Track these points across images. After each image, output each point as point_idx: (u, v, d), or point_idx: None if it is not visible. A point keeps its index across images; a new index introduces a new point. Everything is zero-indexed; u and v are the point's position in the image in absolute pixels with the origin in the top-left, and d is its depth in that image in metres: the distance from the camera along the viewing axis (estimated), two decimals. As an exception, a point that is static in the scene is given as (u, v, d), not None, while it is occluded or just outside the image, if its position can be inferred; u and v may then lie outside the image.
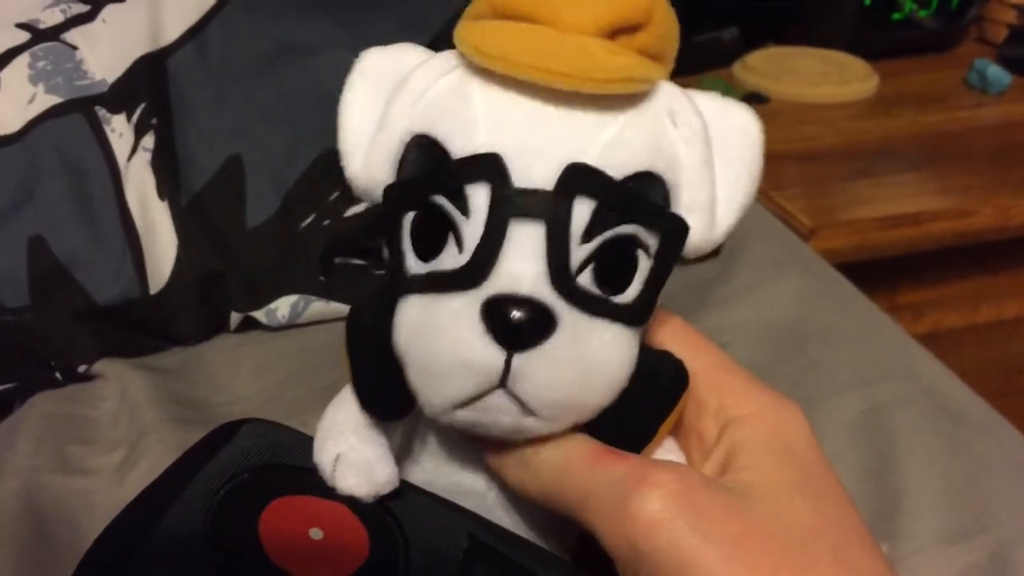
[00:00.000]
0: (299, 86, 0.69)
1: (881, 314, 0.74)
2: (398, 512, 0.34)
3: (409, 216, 0.31)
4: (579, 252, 0.29)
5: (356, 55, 0.34)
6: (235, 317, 0.68)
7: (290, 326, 0.69)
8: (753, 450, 0.31)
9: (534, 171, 0.29)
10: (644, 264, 0.31)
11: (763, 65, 1.29)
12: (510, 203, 0.29)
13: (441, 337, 0.29)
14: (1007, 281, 1.12)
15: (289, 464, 0.35)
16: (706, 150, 0.32)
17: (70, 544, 0.49)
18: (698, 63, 1.27)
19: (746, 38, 1.33)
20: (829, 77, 1.27)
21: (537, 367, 0.29)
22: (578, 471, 0.31)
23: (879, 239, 0.98)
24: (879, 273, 0.99)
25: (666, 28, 0.32)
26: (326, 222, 0.68)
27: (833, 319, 0.72)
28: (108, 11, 0.68)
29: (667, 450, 0.34)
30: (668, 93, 0.32)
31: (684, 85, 0.33)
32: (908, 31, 1.38)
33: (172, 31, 0.69)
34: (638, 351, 0.31)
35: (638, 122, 0.31)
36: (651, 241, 0.31)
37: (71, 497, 0.53)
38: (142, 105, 0.67)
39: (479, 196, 0.29)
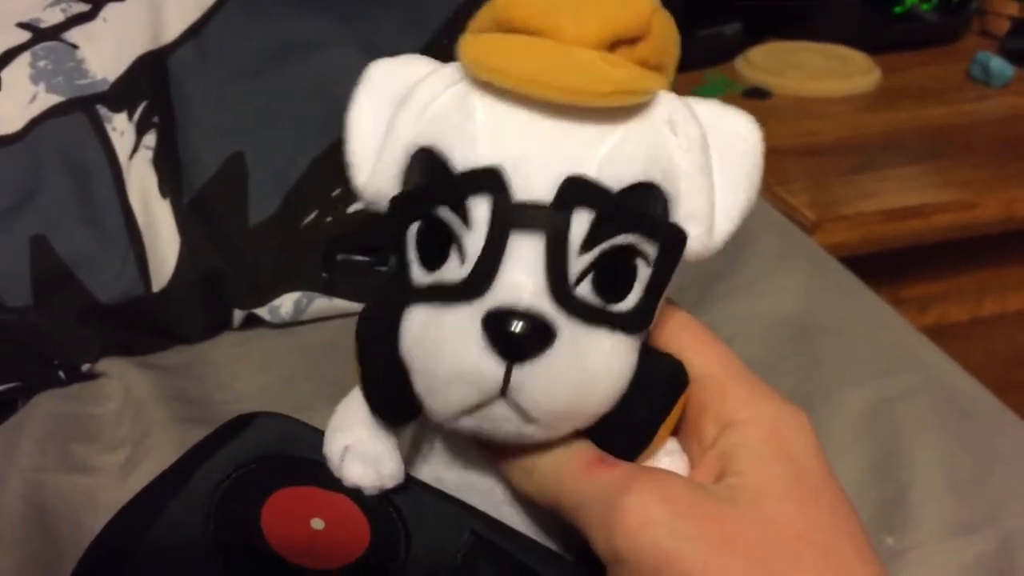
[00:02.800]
0: (301, 83, 0.69)
1: (886, 307, 0.74)
2: (401, 505, 0.34)
3: (414, 227, 0.32)
4: (578, 263, 0.30)
5: (358, 52, 0.34)
6: (238, 315, 0.68)
7: (293, 323, 0.69)
8: (747, 455, 0.31)
9: (534, 184, 0.30)
10: (644, 272, 0.31)
11: (765, 60, 1.29)
12: (510, 215, 0.29)
13: (444, 348, 0.30)
14: (1012, 273, 1.12)
15: (296, 456, 0.36)
16: (704, 158, 0.32)
17: (74, 543, 0.49)
18: (700, 58, 1.27)
19: (748, 33, 1.33)
20: (831, 71, 1.27)
21: (536, 378, 0.29)
22: (572, 480, 0.31)
23: (883, 232, 0.97)
24: (883, 266, 0.98)
25: (665, 39, 0.33)
26: (328, 219, 0.68)
27: (838, 313, 0.72)
28: (109, 10, 0.68)
29: (668, 451, 0.34)
30: (667, 103, 0.32)
31: (687, 81, 0.33)
32: (910, 24, 1.38)
33: (173, 29, 0.69)
34: (637, 356, 0.32)
35: (637, 134, 0.31)
36: (650, 249, 0.31)
37: (75, 496, 0.53)
38: (143, 103, 0.67)
39: (480, 208, 0.30)
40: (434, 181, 0.31)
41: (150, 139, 0.66)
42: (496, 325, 0.29)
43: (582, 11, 0.31)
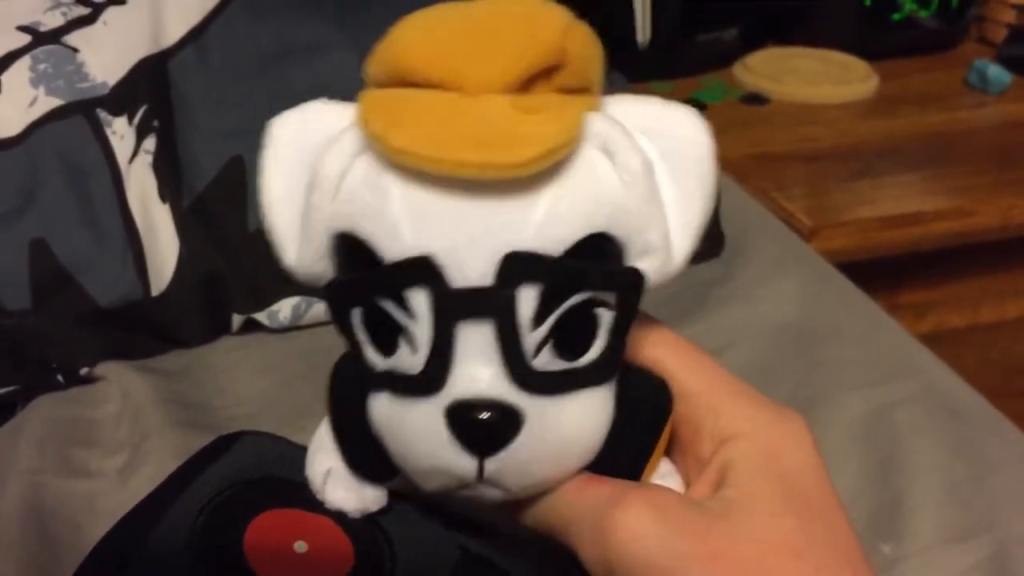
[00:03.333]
0: (300, 87, 0.69)
1: (883, 314, 0.74)
2: (387, 525, 0.34)
3: (357, 311, 0.30)
4: (533, 337, 0.29)
5: (357, 55, 0.33)
6: (237, 319, 0.68)
7: (292, 328, 0.69)
8: (742, 469, 0.31)
9: (469, 268, 0.28)
10: (606, 317, 0.30)
11: (763, 66, 1.29)
12: (452, 306, 0.28)
13: (413, 445, 0.29)
14: (1009, 281, 1.12)
15: (280, 477, 0.36)
16: (650, 187, 0.30)
17: (73, 547, 0.49)
18: (698, 64, 1.27)
19: (746, 39, 1.33)
20: (829, 77, 1.27)
21: (510, 465, 0.29)
22: (564, 502, 0.31)
23: (880, 239, 0.97)
24: (880, 273, 0.98)
25: (585, 59, 0.30)
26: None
27: (835, 319, 0.72)
28: (109, 13, 0.68)
29: (662, 474, 0.34)
30: (600, 128, 0.30)
31: (685, 86, 0.32)
32: (908, 31, 1.38)
33: (173, 33, 0.69)
34: (614, 398, 0.31)
35: (570, 187, 0.29)
36: (608, 296, 0.30)
37: (74, 500, 0.53)
38: (143, 107, 0.67)
39: (419, 300, 0.28)
40: (366, 273, 0.30)
41: (150, 143, 0.66)
42: (460, 421, 0.28)
43: (484, 53, 0.29)
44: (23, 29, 0.67)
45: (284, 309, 0.68)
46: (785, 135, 1.13)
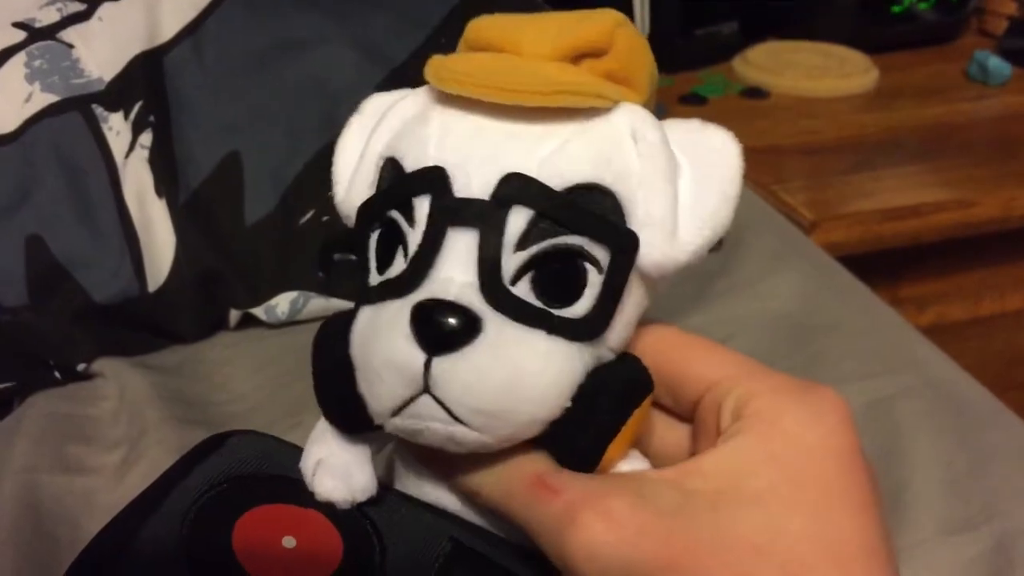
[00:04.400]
0: (297, 82, 0.69)
1: (884, 306, 0.74)
2: (376, 517, 0.34)
3: (375, 233, 0.32)
4: (513, 260, 0.30)
5: (354, 51, 0.36)
6: (234, 314, 0.68)
7: (290, 323, 0.69)
8: (727, 454, 0.30)
9: (474, 182, 0.30)
10: (595, 279, 0.31)
11: (763, 59, 1.29)
12: (447, 212, 0.30)
13: (376, 340, 0.30)
14: (1010, 273, 1.12)
15: (269, 474, 0.36)
16: (665, 163, 0.31)
17: (70, 544, 0.49)
18: (698, 58, 1.27)
19: (746, 33, 1.33)
20: (829, 71, 1.27)
21: (456, 371, 0.29)
22: (518, 504, 0.31)
23: (881, 231, 0.97)
24: (881, 266, 0.98)
25: (632, 53, 0.33)
26: (325, 218, 0.68)
27: (835, 311, 0.72)
28: (104, 9, 0.68)
29: (630, 460, 0.33)
30: (635, 115, 0.32)
31: (684, 81, 0.33)
32: (908, 24, 1.38)
33: (169, 28, 0.69)
34: (588, 365, 0.31)
35: (586, 136, 0.31)
36: (600, 255, 0.30)
37: (71, 497, 0.53)
38: (139, 103, 0.66)
39: (423, 207, 0.30)
40: (388, 186, 0.32)
41: (146, 138, 0.66)
42: (421, 316, 0.29)
43: (543, 27, 0.32)
44: (18, 25, 0.66)
45: (282, 304, 0.68)
46: (785, 128, 1.13)
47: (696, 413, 0.34)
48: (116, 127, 0.65)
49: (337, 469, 0.34)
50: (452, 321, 0.29)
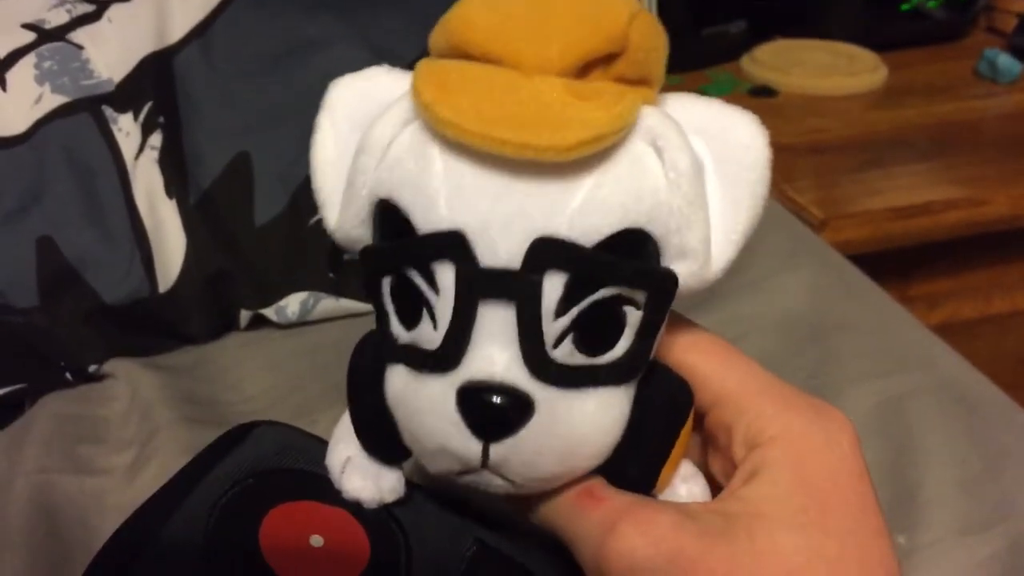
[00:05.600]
0: (306, 82, 0.69)
1: (895, 304, 0.74)
2: (402, 517, 0.34)
3: (387, 280, 0.30)
4: (555, 327, 0.28)
5: (363, 51, 0.32)
6: (245, 315, 0.68)
7: (300, 324, 0.69)
8: (761, 478, 0.30)
9: (499, 248, 0.28)
10: (633, 317, 0.29)
11: (771, 58, 1.28)
12: (476, 285, 0.28)
13: (422, 421, 0.29)
14: (1021, 270, 1.11)
15: (296, 469, 0.35)
16: (696, 188, 0.29)
17: (82, 544, 0.49)
18: (706, 57, 1.27)
19: (754, 31, 1.32)
20: (838, 69, 1.26)
21: (516, 454, 0.28)
22: (562, 514, 0.31)
23: (891, 230, 0.97)
24: (891, 264, 0.98)
25: (647, 50, 0.30)
26: (335, 219, 0.68)
27: (846, 310, 0.72)
28: (114, 10, 0.68)
29: (684, 477, 0.33)
30: (652, 123, 0.29)
31: (692, 80, 0.31)
32: (917, 22, 1.37)
33: (178, 29, 0.69)
34: (632, 400, 0.30)
35: (612, 177, 0.28)
36: (638, 295, 0.29)
37: (82, 497, 0.53)
38: (149, 104, 0.67)
39: (446, 275, 0.28)
40: (399, 242, 0.30)
41: (156, 139, 0.66)
42: (470, 402, 0.28)
43: (544, 33, 0.29)
44: (28, 27, 0.66)
45: (292, 304, 0.68)
46: (794, 127, 1.13)
47: (705, 426, 0.34)
48: (126, 128, 0.65)
49: (367, 469, 0.33)
50: (503, 407, 0.28)
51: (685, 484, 0.33)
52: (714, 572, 0.28)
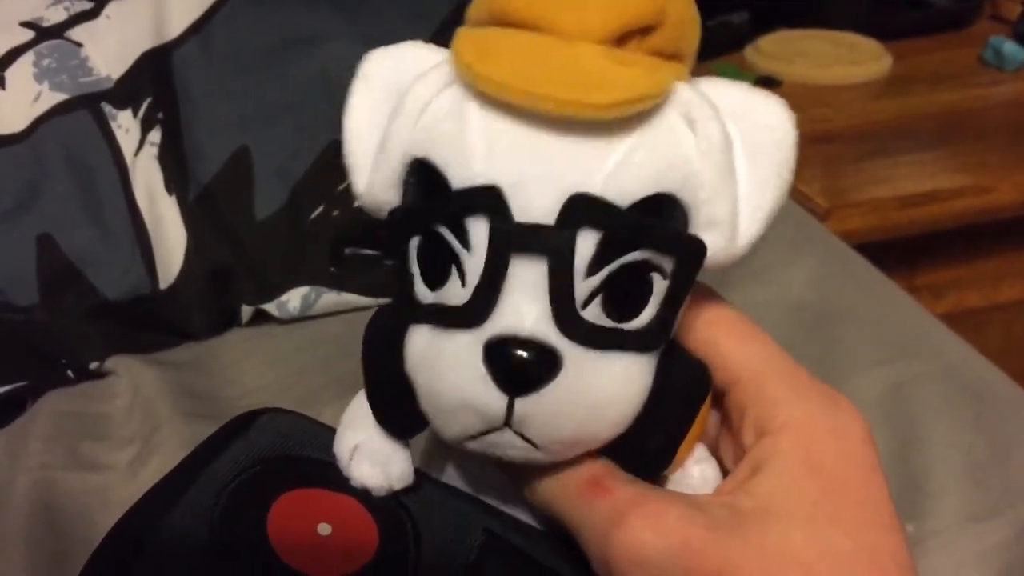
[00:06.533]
0: (305, 77, 0.68)
1: (900, 292, 0.74)
2: (411, 506, 0.34)
3: (415, 240, 0.30)
4: (585, 285, 0.28)
5: (361, 44, 0.32)
6: (246, 310, 0.68)
7: (302, 318, 0.69)
8: (770, 468, 0.30)
9: (534, 204, 0.27)
10: (659, 286, 0.29)
11: (775, 48, 1.28)
12: (510, 239, 0.27)
13: (446, 377, 0.29)
14: (1028, 259, 1.11)
15: (303, 456, 0.35)
16: (726, 160, 0.29)
17: (84, 540, 0.49)
18: (709, 48, 1.24)
19: (757, 21, 1.32)
20: (841, 58, 1.26)
21: (540, 410, 0.28)
22: (569, 503, 0.31)
23: (896, 218, 0.96)
24: (897, 253, 0.98)
25: (683, 24, 0.30)
26: (335, 213, 0.68)
27: (852, 298, 0.71)
28: (112, 7, 0.68)
29: (697, 459, 0.33)
30: (685, 97, 0.29)
31: (696, 71, 0.31)
32: (921, 10, 1.37)
33: (176, 25, 0.69)
34: (654, 371, 0.30)
35: (648, 142, 0.28)
36: (665, 263, 0.29)
37: (85, 494, 0.53)
38: (148, 100, 0.66)
39: (479, 230, 0.28)
40: (431, 199, 0.30)
41: (155, 135, 0.66)
42: (497, 355, 0.27)
43: (584, 1, 0.29)
44: (26, 25, 0.66)
45: (293, 299, 0.68)
46: (798, 117, 1.09)
47: (723, 406, 0.33)
48: (125, 125, 0.65)
49: (375, 455, 0.33)
50: (531, 361, 0.27)
51: (698, 466, 0.33)
52: (722, 566, 0.28)
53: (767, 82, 1.20)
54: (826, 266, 0.74)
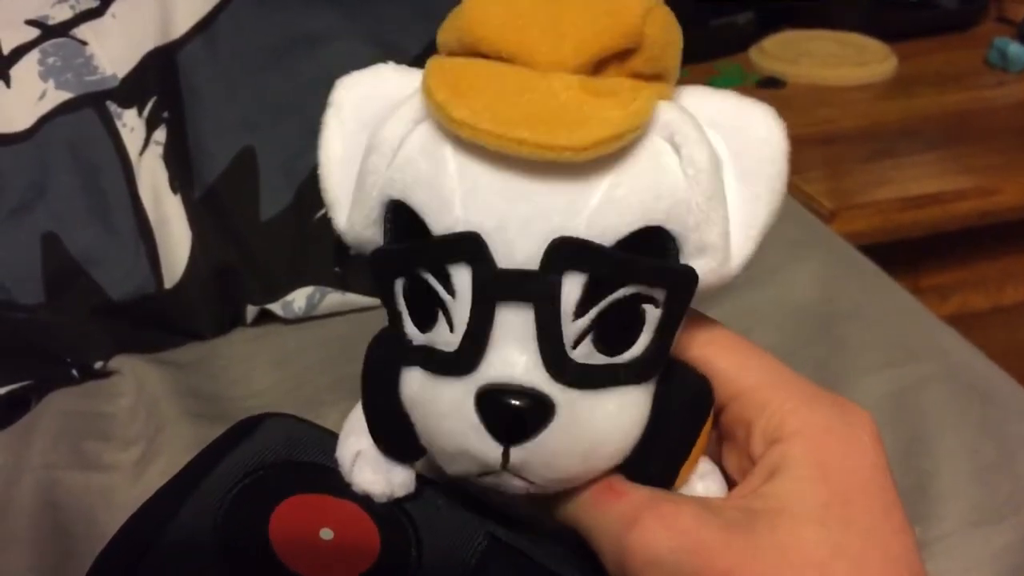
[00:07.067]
0: (310, 76, 0.68)
1: (905, 294, 0.73)
2: (413, 511, 0.34)
3: (400, 281, 0.30)
4: (573, 328, 0.28)
5: (366, 44, 0.32)
6: (251, 310, 0.68)
7: (307, 318, 0.69)
8: (783, 473, 0.30)
9: (517, 249, 0.27)
10: (652, 315, 0.29)
11: (779, 49, 1.28)
12: (494, 286, 0.27)
13: (441, 424, 0.29)
14: (1033, 261, 1.10)
15: (306, 461, 0.35)
16: (714, 182, 0.29)
17: (89, 540, 0.49)
18: (714, 48, 1.26)
19: (761, 22, 1.32)
20: (846, 59, 1.26)
21: (536, 456, 0.28)
22: (583, 507, 0.31)
23: (901, 220, 0.96)
24: (902, 255, 0.97)
25: (663, 45, 0.29)
26: (340, 213, 0.68)
27: (857, 300, 0.71)
28: (117, 6, 0.68)
29: (701, 474, 0.33)
30: (669, 118, 0.28)
31: (700, 72, 0.31)
32: (926, 11, 1.37)
33: (181, 24, 0.69)
34: (649, 395, 0.30)
35: (630, 175, 0.28)
36: (657, 293, 0.29)
37: (89, 494, 0.53)
38: (153, 99, 0.66)
39: (462, 277, 0.28)
40: (412, 243, 0.29)
41: (160, 135, 0.66)
42: (489, 406, 0.27)
43: (558, 29, 0.28)
44: (31, 23, 0.66)
45: (298, 299, 0.68)
46: (803, 118, 1.12)
47: (722, 421, 0.33)
48: (130, 124, 0.65)
49: (378, 462, 0.33)
50: (523, 410, 0.27)
51: (702, 481, 0.33)
52: (736, 565, 0.28)
53: (772, 83, 1.20)
54: (831, 268, 0.74)
